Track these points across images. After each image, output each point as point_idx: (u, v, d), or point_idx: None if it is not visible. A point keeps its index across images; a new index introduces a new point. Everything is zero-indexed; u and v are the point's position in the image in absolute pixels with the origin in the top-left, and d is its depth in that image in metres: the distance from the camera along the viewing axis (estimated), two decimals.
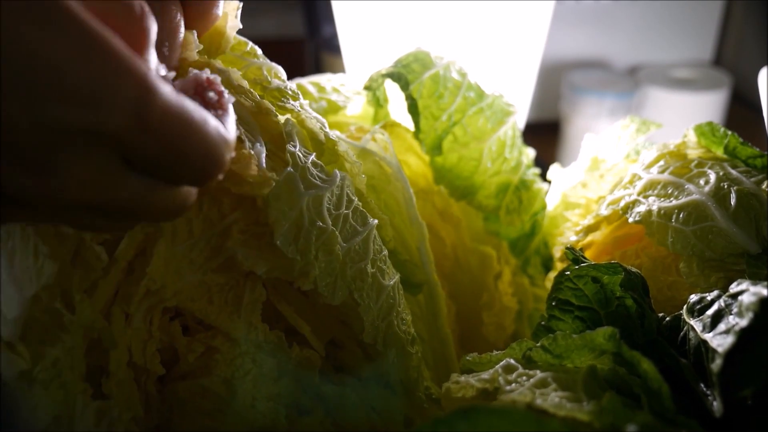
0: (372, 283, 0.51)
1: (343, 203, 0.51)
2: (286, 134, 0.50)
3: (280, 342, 0.50)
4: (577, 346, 0.43)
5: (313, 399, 0.50)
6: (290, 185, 0.47)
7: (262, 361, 0.48)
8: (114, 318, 0.46)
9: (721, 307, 0.43)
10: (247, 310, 0.49)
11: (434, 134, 0.66)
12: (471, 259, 0.70)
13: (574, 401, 0.39)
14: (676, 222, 0.56)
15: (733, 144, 0.60)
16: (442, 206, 0.69)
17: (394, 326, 0.52)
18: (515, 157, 0.70)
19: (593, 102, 1.30)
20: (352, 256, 0.50)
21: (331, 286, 0.48)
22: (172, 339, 0.49)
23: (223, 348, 0.48)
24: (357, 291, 0.50)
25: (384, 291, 0.52)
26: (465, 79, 0.68)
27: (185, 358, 0.49)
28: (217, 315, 0.48)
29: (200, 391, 0.48)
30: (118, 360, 0.46)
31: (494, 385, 0.43)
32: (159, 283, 0.46)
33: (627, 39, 1.44)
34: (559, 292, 0.49)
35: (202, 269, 0.47)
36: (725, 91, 1.36)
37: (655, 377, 0.39)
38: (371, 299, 0.51)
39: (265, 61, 0.55)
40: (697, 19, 1.45)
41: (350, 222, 0.51)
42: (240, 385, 0.48)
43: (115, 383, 0.46)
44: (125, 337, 0.46)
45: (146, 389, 0.48)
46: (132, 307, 0.46)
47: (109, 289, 0.46)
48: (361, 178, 0.55)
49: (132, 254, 0.46)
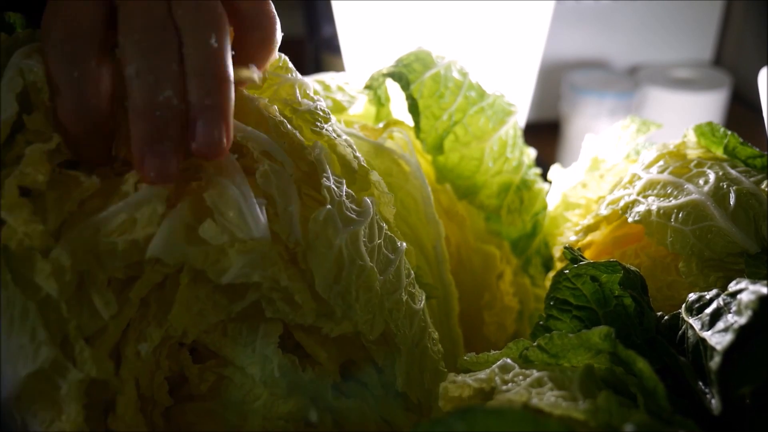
0: (406, 311, 0.49)
1: (375, 233, 0.49)
2: (317, 162, 0.48)
3: (294, 366, 0.47)
4: (573, 345, 0.43)
5: (321, 410, 0.48)
6: (329, 226, 0.45)
7: (273, 383, 0.46)
8: (126, 359, 0.43)
9: (720, 305, 0.43)
10: (263, 342, 0.46)
11: (435, 134, 0.66)
12: (474, 259, 0.70)
13: (569, 400, 0.39)
14: (675, 222, 0.56)
15: (733, 144, 0.60)
16: (447, 205, 0.69)
17: (428, 350, 0.51)
18: (516, 156, 0.70)
19: (593, 102, 1.30)
20: (387, 287, 0.48)
21: (370, 323, 0.47)
22: (181, 367, 0.47)
23: (234, 377, 0.46)
24: (393, 321, 0.48)
25: (416, 316, 0.50)
26: (466, 79, 0.68)
27: (197, 386, 0.46)
28: (231, 347, 0.46)
29: (209, 415, 0.46)
30: (125, 403, 0.43)
31: (491, 384, 0.43)
32: (180, 330, 0.43)
33: (627, 39, 1.44)
34: (558, 292, 0.49)
35: (226, 311, 0.44)
36: (725, 91, 1.36)
37: (651, 376, 0.39)
38: (406, 327, 0.49)
39: (296, 76, 0.54)
40: (697, 19, 1.45)
41: (383, 252, 0.49)
42: (250, 410, 0.46)
43: (122, 422, 0.43)
44: (134, 372, 0.44)
45: (152, 420, 0.46)
46: (147, 347, 0.44)
47: (120, 329, 0.43)
48: (390, 208, 0.53)
49: (146, 292, 0.44)
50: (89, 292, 0.41)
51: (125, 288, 0.43)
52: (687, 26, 1.45)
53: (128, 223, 0.42)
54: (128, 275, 0.43)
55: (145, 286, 0.43)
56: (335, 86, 0.69)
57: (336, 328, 0.45)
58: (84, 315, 0.41)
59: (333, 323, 0.45)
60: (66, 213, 0.42)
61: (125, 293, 0.43)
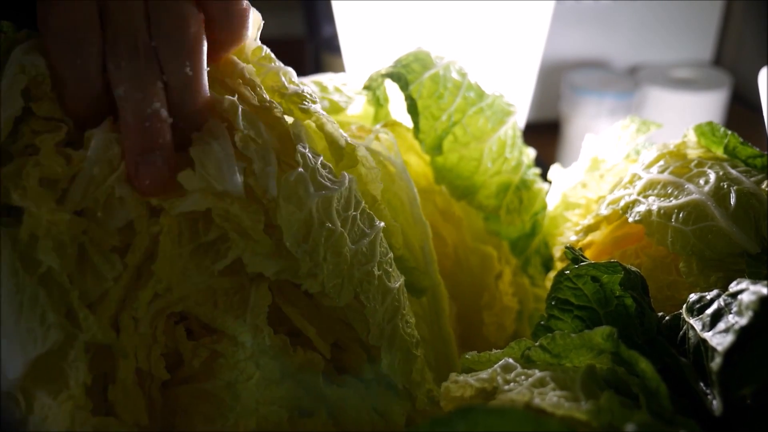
0: (378, 286, 0.51)
1: (351, 205, 0.51)
2: (294, 135, 0.50)
3: (285, 346, 0.49)
4: (576, 345, 0.43)
5: (315, 400, 0.50)
6: (300, 186, 0.48)
7: (265, 364, 0.48)
8: (123, 325, 0.46)
9: (721, 306, 0.43)
10: (253, 313, 0.48)
11: (434, 134, 0.66)
12: (472, 259, 0.70)
13: (572, 400, 0.39)
14: (675, 222, 0.56)
15: (733, 144, 0.60)
16: (443, 206, 0.69)
17: (399, 329, 0.52)
18: (516, 157, 0.70)
19: (593, 102, 1.30)
20: (359, 258, 0.50)
21: (338, 288, 0.48)
22: (176, 343, 0.49)
23: (227, 352, 0.48)
24: (363, 293, 0.50)
25: (390, 293, 0.52)
26: (465, 79, 0.68)
27: (190, 362, 0.48)
28: (222, 319, 0.48)
29: (203, 396, 0.48)
30: (126, 368, 0.45)
31: (493, 384, 0.43)
32: (165, 283, 0.46)
33: (627, 39, 1.44)
34: (559, 292, 0.49)
35: (209, 271, 0.47)
36: (725, 91, 1.36)
37: (653, 377, 0.39)
38: (377, 301, 0.51)
39: (279, 65, 0.56)
40: (697, 19, 1.45)
41: (358, 224, 0.51)
42: (243, 390, 0.47)
43: (121, 390, 0.45)
44: (133, 343, 0.46)
45: (150, 394, 0.48)
46: (140, 313, 0.46)
47: (119, 297, 0.46)
48: (377, 184, 0.55)
49: (140, 258, 0.46)
50: (92, 257, 0.44)
51: (122, 256, 0.45)
52: (687, 26, 1.45)
53: (106, 166, 0.45)
54: (123, 243, 0.46)
55: (138, 250, 0.46)
56: (332, 87, 0.69)
57: (304, 283, 0.47)
58: (87, 281, 0.44)
59: (299, 278, 0.47)
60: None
61: (123, 259, 0.45)
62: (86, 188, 0.45)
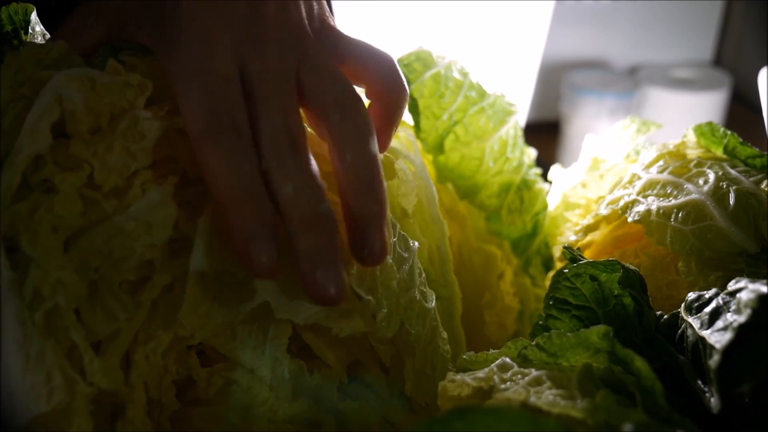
0: (419, 310, 0.49)
1: (390, 231, 0.49)
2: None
3: (301, 371, 0.47)
4: (572, 344, 0.43)
5: (326, 413, 0.48)
6: None
7: (279, 386, 0.46)
8: (135, 363, 0.43)
9: (719, 304, 0.43)
10: (272, 345, 0.46)
11: (435, 134, 0.66)
12: (475, 258, 0.70)
13: (568, 399, 0.39)
14: (675, 221, 0.56)
15: (733, 144, 0.60)
16: (449, 204, 0.69)
17: (439, 349, 0.51)
18: (517, 156, 0.70)
19: (593, 102, 1.30)
20: (402, 285, 0.48)
21: (386, 320, 0.46)
22: (189, 370, 0.46)
23: (242, 380, 0.46)
24: (408, 320, 0.48)
25: (428, 314, 0.50)
26: (466, 79, 0.68)
27: (205, 390, 0.46)
28: (241, 351, 0.45)
29: (215, 419, 0.46)
30: (136, 408, 0.43)
31: (489, 383, 0.43)
32: (189, 330, 0.43)
33: (627, 39, 1.44)
34: (557, 291, 0.49)
35: (233, 312, 0.44)
36: (725, 91, 1.36)
37: (648, 375, 0.39)
38: (419, 326, 0.49)
39: None
40: (697, 19, 1.45)
41: (397, 250, 0.49)
42: (257, 414, 0.45)
43: (131, 425, 0.43)
44: (143, 377, 0.44)
45: (159, 423, 0.45)
46: (154, 350, 0.43)
47: (132, 334, 0.43)
48: (411, 198, 0.53)
49: (157, 293, 0.43)
50: (104, 295, 0.41)
51: (136, 290, 0.43)
52: (687, 26, 1.45)
53: (143, 226, 0.42)
54: (139, 276, 0.43)
55: (156, 287, 0.43)
56: None
57: (347, 327, 0.45)
58: (97, 319, 0.41)
59: (351, 321, 0.45)
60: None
61: (137, 296, 0.43)
62: (111, 239, 0.41)
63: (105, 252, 0.41)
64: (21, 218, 0.40)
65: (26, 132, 0.42)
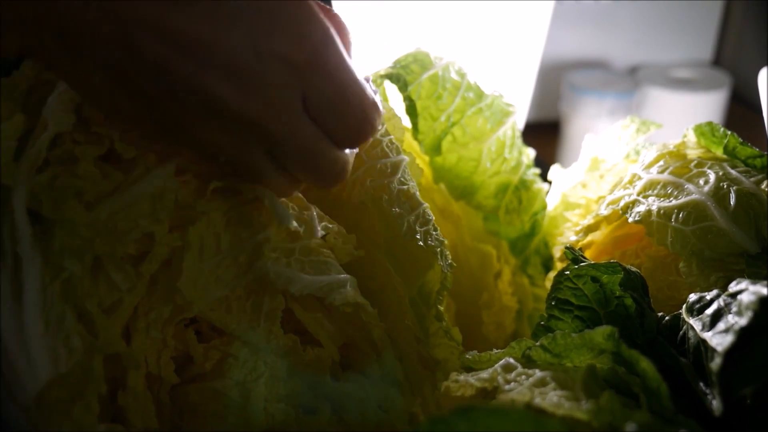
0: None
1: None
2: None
3: (295, 346, 0.49)
4: (576, 345, 0.43)
5: (319, 397, 0.50)
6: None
7: (274, 363, 0.48)
8: (136, 334, 0.45)
9: (721, 306, 0.43)
10: (267, 318, 0.48)
11: (433, 135, 0.66)
12: (471, 258, 0.70)
13: (572, 400, 0.39)
14: (675, 222, 0.56)
15: (733, 144, 0.60)
16: (442, 204, 0.69)
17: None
18: (515, 157, 0.70)
19: (593, 102, 1.30)
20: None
21: None
22: (187, 346, 0.48)
23: (238, 353, 0.47)
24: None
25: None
26: (464, 80, 0.68)
27: (201, 365, 0.48)
28: (236, 324, 0.47)
29: (212, 395, 0.47)
30: (137, 376, 0.45)
31: (493, 384, 0.43)
32: (188, 299, 0.45)
33: (627, 39, 1.44)
34: (559, 292, 0.49)
35: (230, 286, 0.46)
36: (725, 91, 1.36)
37: (654, 376, 0.39)
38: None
39: None
40: (697, 19, 1.45)
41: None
42: (253, 388, 0.47)
43: (132, 396, 0.45)
44: (143, 349, 0.46)
45: (159, 397, 0.47)
46: (155, 321, 0.45)
47: (132, 305, 0.45)
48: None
49: (156, 267, 0.46)
50: (107, 267, 0.44)
51: (137, 263, 0.45)
52: (687, 26, 1.45)
53: (148, 200, 0.44)
54: (140, 251, 0.45)
55: (156, 260, 0.45)
56: None
57: (340, 297, 0.48)
58: (100, 290, 0.44)
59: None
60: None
61: (138, 268, 0.45)
62: (121, 211, 0.44)
63: (110, 226, 0.44)
64: (42, 188, 0.43)
65: (50, 112, 0.45)
